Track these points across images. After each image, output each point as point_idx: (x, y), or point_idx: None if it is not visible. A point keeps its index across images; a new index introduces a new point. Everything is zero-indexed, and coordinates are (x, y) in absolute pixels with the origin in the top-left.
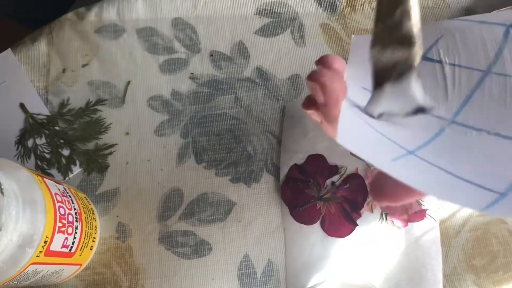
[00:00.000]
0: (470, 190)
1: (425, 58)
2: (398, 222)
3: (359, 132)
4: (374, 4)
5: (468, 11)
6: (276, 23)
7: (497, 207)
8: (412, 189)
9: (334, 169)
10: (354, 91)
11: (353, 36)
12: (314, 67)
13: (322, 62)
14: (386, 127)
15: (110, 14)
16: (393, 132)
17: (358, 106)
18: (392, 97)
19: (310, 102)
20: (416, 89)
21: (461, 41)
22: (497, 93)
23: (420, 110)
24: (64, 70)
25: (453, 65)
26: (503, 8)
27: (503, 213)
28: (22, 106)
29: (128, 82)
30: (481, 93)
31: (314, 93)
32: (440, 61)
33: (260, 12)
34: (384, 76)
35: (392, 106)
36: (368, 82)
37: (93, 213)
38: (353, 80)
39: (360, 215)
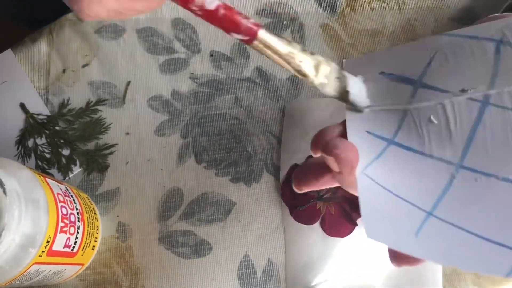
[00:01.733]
0: (492, 250)
1: (422, 85)
2: None
3: (379, 204)
4: (374, 4)
5: (468, 11)
6: (276, 23)
7: None
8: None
9: None
10: (358, 139)
11: (344, 60)
12: None
13: (316, 143)
14: (401, 187)
15: None
16: (409, 191)
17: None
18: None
19: (322, 168)
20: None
21: (454, 63)
22: (499, 130)
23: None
24: (64, 70)
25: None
26: (497, 14)
27: None
28: (22, 106)
29: (128, 82)
30: (483, 129)
31: (327, 162)
32: (437, 88)
33: (260, 12)
34: None
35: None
36: (372, 124)
37: (95, 213)
38: (354, 126)
39: (360, 215)
